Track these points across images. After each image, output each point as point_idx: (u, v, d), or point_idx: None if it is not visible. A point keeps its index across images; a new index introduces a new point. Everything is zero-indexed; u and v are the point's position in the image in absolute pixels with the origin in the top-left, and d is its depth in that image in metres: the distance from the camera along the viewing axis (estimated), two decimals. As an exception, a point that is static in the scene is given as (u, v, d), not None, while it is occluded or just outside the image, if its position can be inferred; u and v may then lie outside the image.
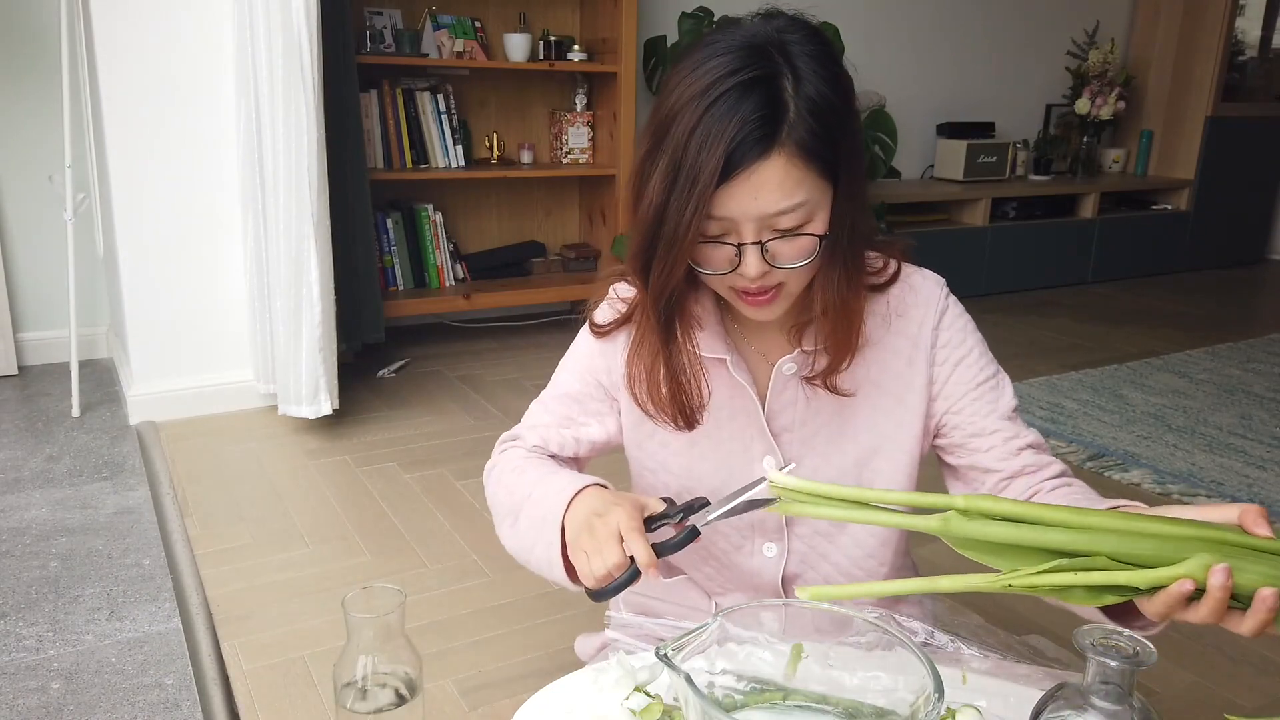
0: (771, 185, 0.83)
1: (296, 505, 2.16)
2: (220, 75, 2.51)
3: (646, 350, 0.98)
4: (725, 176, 0.82)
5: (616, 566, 0.84)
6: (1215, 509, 0.73)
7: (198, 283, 2.62)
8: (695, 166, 0.82)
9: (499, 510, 1.04)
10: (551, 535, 0.93)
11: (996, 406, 1.01)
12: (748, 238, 0.86)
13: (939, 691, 0.65)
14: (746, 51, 0.84)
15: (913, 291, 1.01)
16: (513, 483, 1.03)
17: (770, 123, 0.82)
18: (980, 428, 1.00)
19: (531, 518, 0.97)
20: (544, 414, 1.11)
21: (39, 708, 1.42)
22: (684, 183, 0.83)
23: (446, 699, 1.51)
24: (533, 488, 1.00)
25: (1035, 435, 1.02)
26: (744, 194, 0.83)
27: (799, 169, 0.84)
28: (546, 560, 0.94)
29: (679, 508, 0.89)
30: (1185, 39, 4.93)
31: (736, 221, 0.85)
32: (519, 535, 0.99)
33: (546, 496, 0.96)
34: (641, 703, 0.83)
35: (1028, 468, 1.00)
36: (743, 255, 0.87)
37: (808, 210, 0.86)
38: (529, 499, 0.99)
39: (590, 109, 3.60)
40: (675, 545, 0.85)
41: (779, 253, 0.87)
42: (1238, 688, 1.59)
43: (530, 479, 1.01)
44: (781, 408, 1.02)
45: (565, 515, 0.92)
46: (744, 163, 0.82)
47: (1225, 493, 2.36)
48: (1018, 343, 3.74)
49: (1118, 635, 0.64)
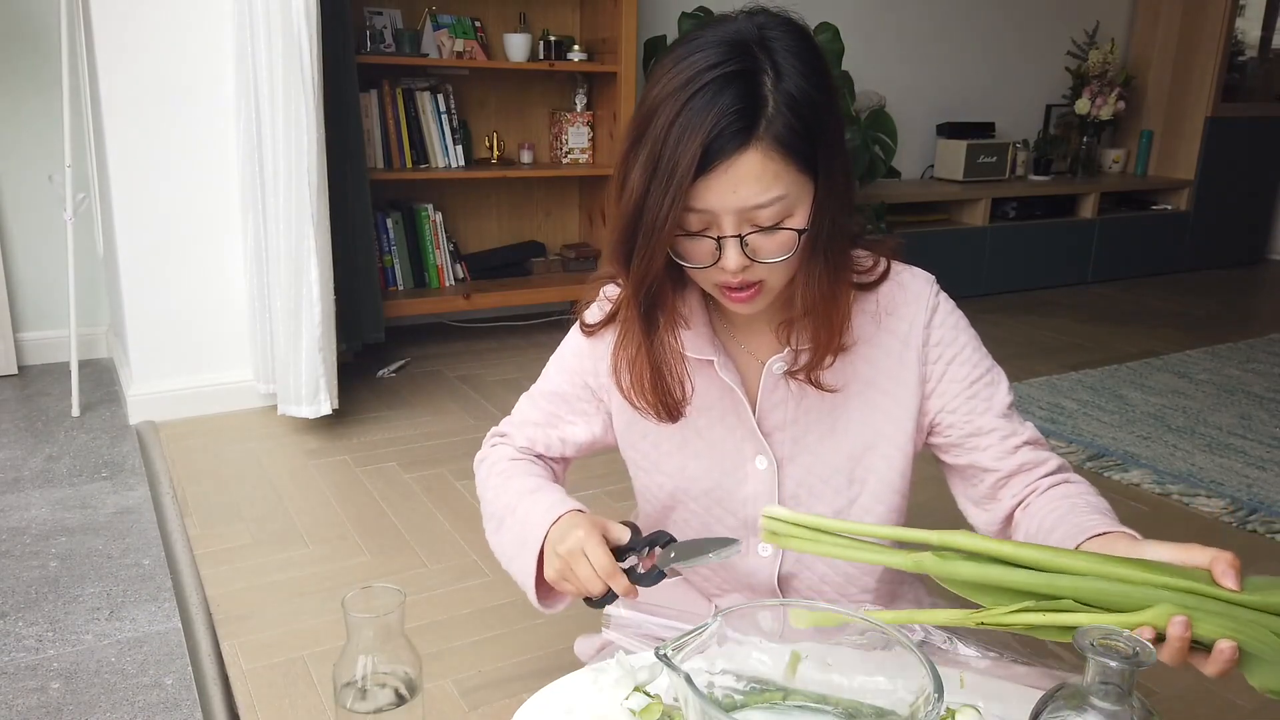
0: (750, 178, 0.84)
1: (296, 505, 2.16)
2: (220, 75, 2.51)
3: (630, 341, 0.99)
4: (703, 168, 0.83)
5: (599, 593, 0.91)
6: (1191, 551, 0.75)
7: (197, 282, 2.62)
8: (674, 158, 0.83)
9: (485, 508, 1.08)
10: (528, 562, 0.97)
11: (992, 404, 1.01)
12: (728, 231, 0.87)
13: (938, 691, 0.65)
14: (727, 46, 0.85)
15: (903, 289, 1.01)
16: (499, 487, 1.06)
17: (748, 115, 0.83)
18: (977, 427, 1.01)
19: (514, 532, 1.01)
20: (532, 410, 1.12)
21: (38, 707, 1.42)
22: (663, 174, 0.84)
23: (446, 699, 1.51)
24: (517, 501, 1.03)
25: (1032, 430, 1.03)
26: (722, 186, 0.84)
27: (777, 163, 0.84)
28: (522, 580, 0.99)
29: (644, 539, 0.94)
30: (1185, 39, 4.93)
31: (716, 214, 0.86)
32: (501, 543, 1.04)
33: (529, 518, 0.99)
34: (641, 703, 0.83)
35: (1025, 465, 1.00)
36: (723, 249, 0.87)
37: (787, 205, 0.86)
38: (513, 512, 1.02)
39: (590, 109, 3.60)
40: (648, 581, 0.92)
41: (759, 247, 0.88)
42: (1238, 688, 1.59)
43: (515, 489, 1.04)
44: (772, 407, 1.03)
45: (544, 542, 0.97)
46: (722, 155, 0.83)
47: (1225, 493, 2.36)
48: (1017, 343, 3.74)
49: (1117, 635, 0.64)
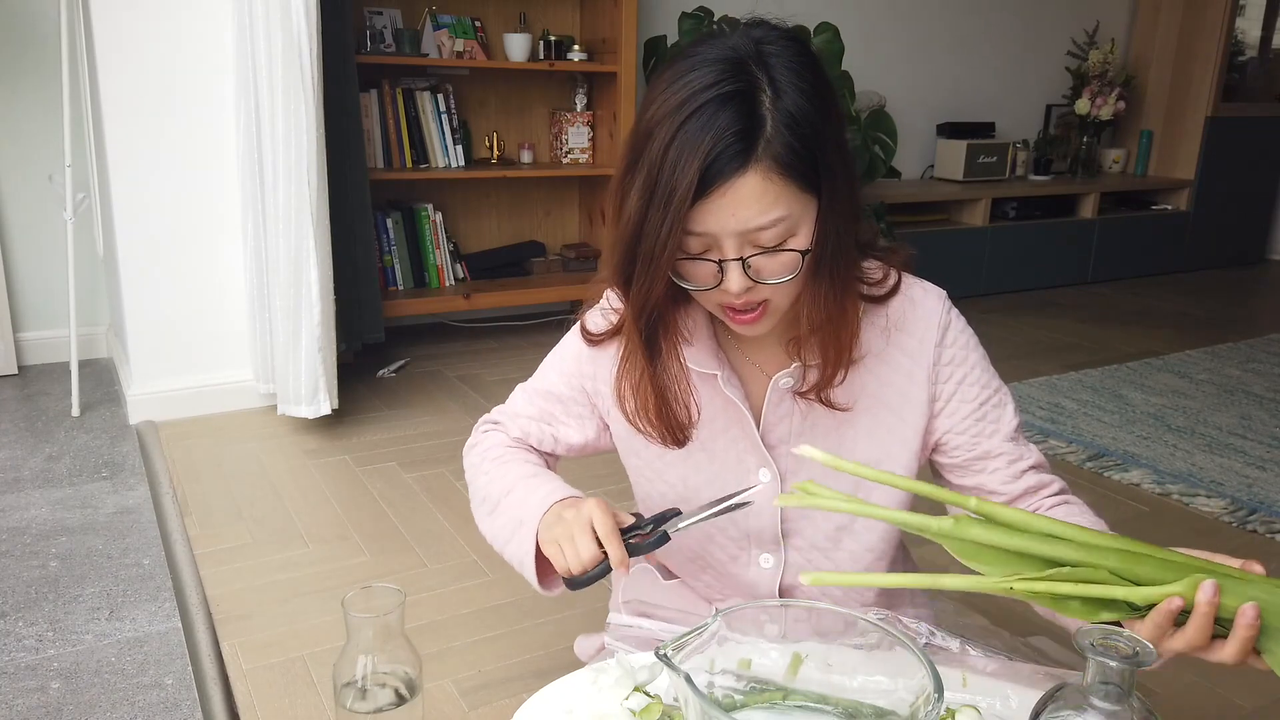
0: (750, 200, 0.82)
1: (296, 505, 2.16)
2: (220, 75, 2.51)
3: (633, 367, 0.97)
4: (702, 192, 0.81)
5: (591, 560, 0.88)
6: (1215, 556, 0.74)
7: (197, 282, 2.62)
8: (671, 182, 0.81)
9: (477, 493, 1.07)
10: (526, 540, 0.95)
11: (1000, 427, 1.00)
12: (730, 254, 0.84)
13: (939, 692, 0.65)
14: (724, 64, 0.82)
15: (914, 305, 0.99)
16: (494, 472, 1.05)
17: (746, 137, 0.81)
18: (984, 450, 1.00)
19: (510, 516, 0.99)
20: (527, 405, 1.11)
21: (38, 708, 1.41)
22: (660, 198, 0.82)
23: (446, 699, 1.51)
24: (515, 484, 1.01)
25: (1037, 455, 1.02)
26: (722, 209, 0.82)
27: (777, 183, 0.82)
28: (518, 560, 0.98)
29: (649, 519, 0.93)
30: (1185, 39, 4.93)
31: (717, 237, 0.84)
32: (495, 527, 1.02)
33: (527, 500, 0.98)
34: (641, 703, 0.83)
35: (1030, 489, 1.00)
36: (725, 272, 0.85)
37: (789, 225, 0.84)
38: (509, 494, 1.01)
39: (590, 109, 3.60)
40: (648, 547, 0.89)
41: (762, 269, 0.86)
42: (1238, 688, 1.59)
43: (513, 474, 1.03)
44: (777, 421, 1.01)
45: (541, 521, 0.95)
46: (720, 177, 0.81)
47: (1225, 493, 2.36)
48: (1018, 343, 3.74)
49: (1117, 636, 0.64)
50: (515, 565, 0.99)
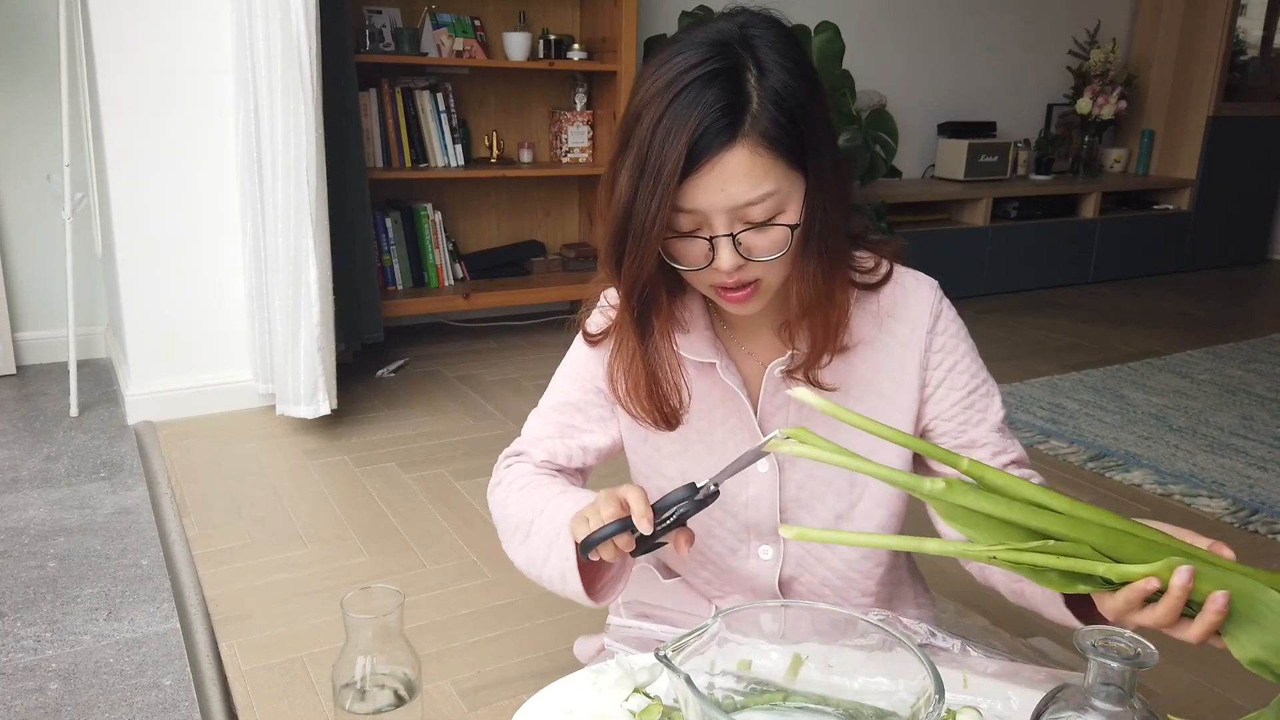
0: (738, 175, 0.84)
1: (295, 505, 2.16)
2: (219, 74, 2.51)
3: (625, 348, 0.99)
4: (690, 168, 0.83)
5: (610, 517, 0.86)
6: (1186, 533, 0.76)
7: (196, 282, 2.61)
8: (660, 158, 0.83)
9: (507, 526, 1.04)
10: (565, 545, 0.93)
11: (986, 417, 1.02)
12: (719, 230, 0.86)
13: (939, 693, 0.64)
14: (709, 46, 0.85)
15: (906, 293, 1.01)
16: (523, 501, 1.03)
17: (733, 112, 0.83)
18: (970, 439, 1.01)
19: (544, 532, 0.97)
20: (543, 426, 1.10)
21: (37, 708, 1.41)
22: (650, 175, 0.84)
23: (445, 700, 1.50)
24: (545, 504, 1.00)
25: (1020, 450, 1.03)
26: (711, 185, 0.84)
27: (765, 158, 0.84)
28: (560, 573, 0.94)
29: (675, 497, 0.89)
30: (1187, 39, 4.92)
31: (707, 214, 0.86)
32: (530, 549, 0.99)
33: (560, 513, 0.96)
34: (641, 704, 0.82)
35: None
36: (716, 249, 0.87)
37: (778, 201, 0.86)
38: (541, 514, 0.99)
39: (590, 108, 3.59)
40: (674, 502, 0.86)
41: (752, 245, 0.87)
42: (1238, 688, 1.59)
43: (542, 495, 1.02)
44: (774, 409, 1.02)
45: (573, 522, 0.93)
46: (708, 153, 0.83)
47: (1226, 493, 2.35)
48: (1018, 343, 3.73)
49: (1118, 636, 0.63)
50: (557, 582, 0.95)
